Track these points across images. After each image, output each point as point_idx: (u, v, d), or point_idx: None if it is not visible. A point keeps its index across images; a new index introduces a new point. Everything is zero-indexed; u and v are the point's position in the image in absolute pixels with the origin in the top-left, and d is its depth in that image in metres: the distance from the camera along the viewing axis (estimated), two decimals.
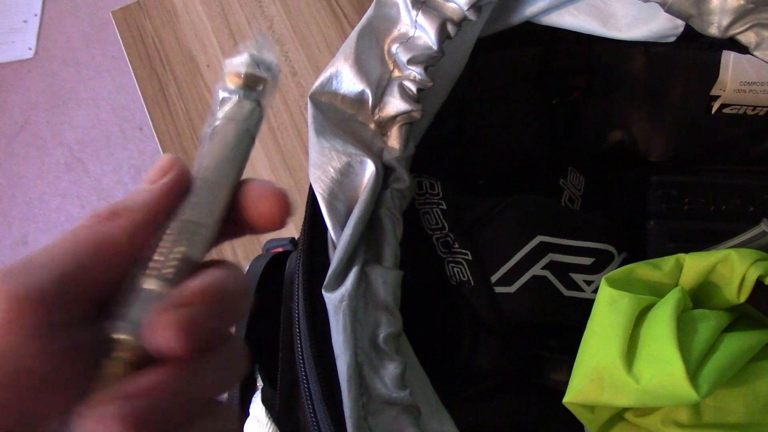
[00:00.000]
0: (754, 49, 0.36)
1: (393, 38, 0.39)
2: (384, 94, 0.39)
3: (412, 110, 0.38)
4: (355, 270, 0.35)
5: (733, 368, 0.34)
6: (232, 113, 0.27)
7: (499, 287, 0.44)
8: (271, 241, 0.55)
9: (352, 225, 0.36)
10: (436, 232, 0.44)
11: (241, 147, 0.27)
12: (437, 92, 0.42)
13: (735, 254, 0.36)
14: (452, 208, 0.45)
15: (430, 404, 0.36)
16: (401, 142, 0.39)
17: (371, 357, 0.34)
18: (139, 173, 1.69)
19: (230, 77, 0.27)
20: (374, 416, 0.33)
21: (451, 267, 0.44)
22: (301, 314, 0.35)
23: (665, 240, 0.47)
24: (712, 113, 0.49)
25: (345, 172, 0.38)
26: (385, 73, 0.39)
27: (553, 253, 0.44)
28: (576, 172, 0.52)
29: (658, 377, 0.32)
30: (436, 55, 0.38)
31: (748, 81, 0.47)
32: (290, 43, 0.76)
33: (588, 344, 0.35)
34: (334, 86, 0.39)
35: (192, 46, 0.78)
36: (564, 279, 0.44)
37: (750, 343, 0.35)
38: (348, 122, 0.38)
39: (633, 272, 0.38)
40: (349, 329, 0.34)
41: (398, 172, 0.38)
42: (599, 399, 0.34)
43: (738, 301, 0.36)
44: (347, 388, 0.33)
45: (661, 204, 0.47)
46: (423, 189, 0.45)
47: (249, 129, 0.27)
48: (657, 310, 0.35)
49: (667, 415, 0.35)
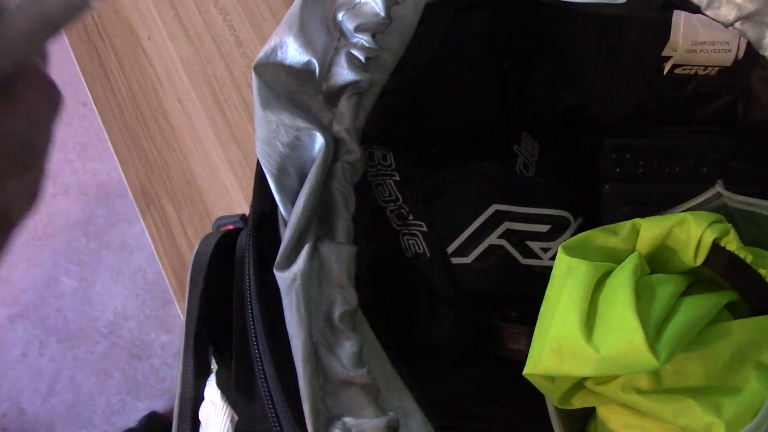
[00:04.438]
0: (706, 8, 0.35)
1: (338, 5, 0.38)
2: (331, 64, 0.38)
3: (361, 80, 0.37)
4: (307, 247, 0.34)
5: (692, 332, 0.34)
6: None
7: (455, 258, 0.43)
8: (222, 219, 0.53)
9: (302, 201, 0.35)
10: (390, 204, 0.43)
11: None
12: (386, 60, 0.40)
13: (690, 217, 0.36)
14: (405, 179, 0.44)
15: (388, 381, 0.35)
16: (350, 113, 0.37)
17: (327, 336, 0.34)
18: (86, 150, 1.65)
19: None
20: (332, 396, 0.33)
21: (406, 239, 0.43)
22: (252, 295, 0.34)
23: (620, 204, 0.47)
24: (664, 74, 0.49)
25: (293, 146, 0.37)
26: (332, 41, 0.38)
27: (509, 221, 0.44)
28: (529, 138, 0.51)
29: (617, 345, 0.31)
30: (384, 22, 0.37)
31: (700, 41, 0.46)
32: (234, 12, 0.74)
33: (546, 314, 0.35)
34: (279, 57, 0.38)
35: (132, 18, 0.75)
36: (521, 247, 0.44)
37: (708, 306, 0.35)
38: (295, 94, 0.37)
39: (589, 239, 0.37)
40: (302, 309, 0.33)
41: (349, 144, 0.37)
42: (559, 369, 0.33)
43: (695, 265, 0.36)
44: (302, 369, 0.32)
45: (615, 168, 0.47)
46: (375, 160, 0.44)
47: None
48: (615, 276, 0.34)
49: (628, 381, 0.34)
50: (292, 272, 0.34)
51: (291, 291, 0.33)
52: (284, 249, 0.34)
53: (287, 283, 0.33)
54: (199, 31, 0.73)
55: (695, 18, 0.46)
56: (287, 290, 0.33)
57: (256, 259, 0.34)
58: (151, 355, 1.55)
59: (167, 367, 1.55)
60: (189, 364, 0.43)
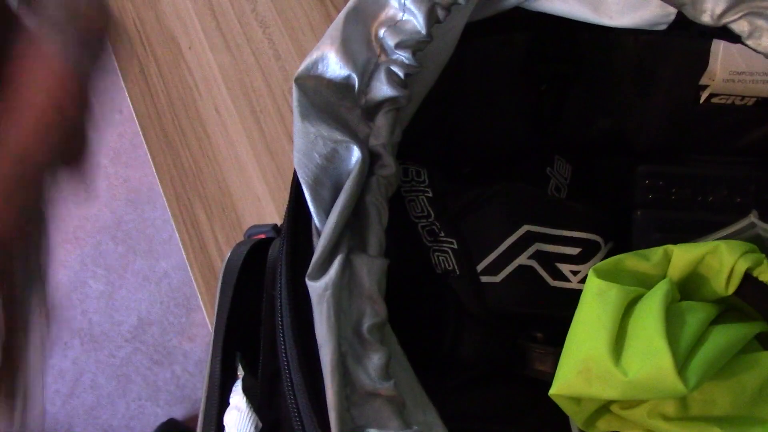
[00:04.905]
0: (747, 38, 0.35)
1: (380, 22, 0.38)
2: (371, 79, 0.38)
3: (399, 96, 0.37)
4: (339, 258, 0.35)
5: (721, 361, 0.33)
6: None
7: (484, 277, 0.43)
8: (254, 228, 0.54)
9: (337, 212, 0.35)
10: (422, 220, 0.44)
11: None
12: (425, 78, 0.41)
13: (724, 246, 0.36)
14: (438, 196, 0.44)
15: (414, 395, 0.36)
16: (388, 128, 0.38)
17: (355, 347, 0.34)
18: (119, 156, 1.67)
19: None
20: (357, 407, 0.33)
21: (437, 256, 0.43)
22: (283, 303, 0.35)
23: (651, 230, 0.47)
24: (700, 103, 0.49)
25: (330, 158, 0.37)
26: (372, 57, 0.38)
27: (539, 242, 0.44)
28: (563, 161, 0.51)
29: (646, 370, 0.31)
30: (425, 40, 0.37)
31: (738, 71, 0.46)
32: (274, 26, 0.75)
33: (575, 336, 0.35)
34: (319, 70, 0.39)
35: (173, 27, 0.76)
36: (550, 269, 0.44)
37: (738, 335, 0.34)
38: (334, 107, 0.38)
39: (621, 263, 0.37)
40: (332, 319, 0.33)
41: (384, 158, 0.37)
42: (586, 391, 0.33)
43: (726, 294, 0.36)
44: (330, 378, 0.33)
45: (648, 194, 0.47)
46: (409, 176, 0.44)
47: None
48: (645, 301, 0.34)
49: (654, 407, 0.34)
50: (323, 282, 0.34)
51: (322, 301, 0.34)
52: (317, 259, 0.34)
53: (319, 293, 0.34)
54: (239, 42, 0.75)
55: (734, 48, 0.46)
56: (318, 300, 0.34)
57: (289, 266, 0.35)
58: (172, 362, 1.56)
59: (188, 374, 1.55)
60: (216, 368, 0.43)
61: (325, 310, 0.33)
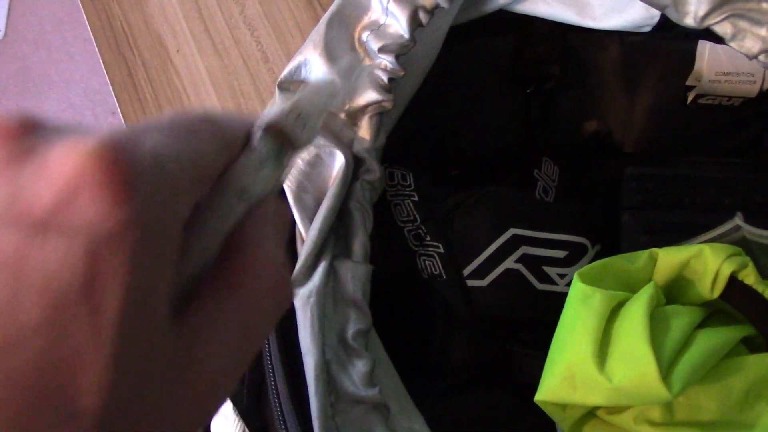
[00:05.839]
0: (730, 40, 0.35)
1: (363, 26, 0.38)
2: (354, 84, 0.38)
3: (383, 100, 0.37)
4: (323, 265, 0.35)
5: (706, 366, 0.33)
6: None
7: (471, 281, 0.43)
8: None
9: (320, 218, 0.35)
10: (408, 224, 0.43)
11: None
12: (409, 81, 0.41)
13: (708, 249, 0.36)
14: (424, 200, 0.44)
15: (400, 401, 0.35)
16: (372, 132, 0.38)
17: (339, 354, 0.34)
18: None
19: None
20: (342, 415, 0.33)
21: (423, 260, 0.43)
22: None
23: (640, 232, 0.46)
24: (687, 104, 0.48)
25: (314, 164, 0.37)
26: (356, 61, 0.38)
27: (526, 245, 0.44)
28: (550, 163, 0.51)
29: (630, 376, 0.31)
30: (408, 44, 0.37)
31: (724, 71, 0.46)
32: (262, 28, 0.75)
33: (560, 342, 0.35)
34: (302, 75, 0.38)
35: (161, 30, 0.76)
36: (537, 272, 0.44)
37: (723, 339, 0.34)
38: None
39: (606, 267, 0.37)
40: (316, 326, 0.33)
41: (369, 163, 0.37)
42: (570, 398, 0.33)
43: (711, 297, 0.36)
44: (314, 386, 0.32)
45: (636, 196, 0.47)
46: (394, 180, 0.44)
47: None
48: (630, 306, 0.34)
49: (640, 413, 0.34)
50: (308, 289, 0.34)
51: (306, 307, 0.33)
52: (301, 265, 0.34)
53: (303, 300, 0.34)
54: (227, 45, 0.74)
55: (720, 48, 0.45)
56: (303, 306, 0.34)
57: None
58: None
59: None
60: None
61: (309, 317, 0.33)
